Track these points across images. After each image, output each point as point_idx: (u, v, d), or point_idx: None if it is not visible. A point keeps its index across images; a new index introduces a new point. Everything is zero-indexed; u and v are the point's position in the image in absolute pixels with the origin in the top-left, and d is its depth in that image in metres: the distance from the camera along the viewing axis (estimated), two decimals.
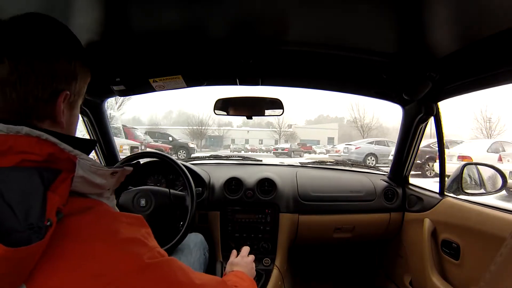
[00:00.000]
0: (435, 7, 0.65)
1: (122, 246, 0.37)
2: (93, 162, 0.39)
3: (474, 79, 0.92)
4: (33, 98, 0.40)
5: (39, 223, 0.31)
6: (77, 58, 0.44)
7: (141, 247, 0.39)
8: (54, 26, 0.44)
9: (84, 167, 0.38)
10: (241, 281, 0.66)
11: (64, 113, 0.43)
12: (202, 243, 1.13)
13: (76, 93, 0.45)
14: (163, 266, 0.39)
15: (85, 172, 0.38)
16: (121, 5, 0.69)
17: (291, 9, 0.70)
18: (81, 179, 0.38)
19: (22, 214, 0.31)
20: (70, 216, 0.36)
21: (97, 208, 0.39)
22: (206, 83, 1.20)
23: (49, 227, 0.32)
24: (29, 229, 0.31)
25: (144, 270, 0.37)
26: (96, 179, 0.39)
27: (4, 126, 0.36)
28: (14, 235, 0.30)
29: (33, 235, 0.31)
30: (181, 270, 0.42)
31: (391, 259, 1.52)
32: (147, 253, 0.38)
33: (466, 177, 1.20)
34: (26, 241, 0.30)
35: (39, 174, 0.34)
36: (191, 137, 25.64)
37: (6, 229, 0.30)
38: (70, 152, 0.38)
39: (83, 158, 0.38)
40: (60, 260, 0.34)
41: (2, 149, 0.35)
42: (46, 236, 0.32)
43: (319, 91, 1.33)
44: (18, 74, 0.39)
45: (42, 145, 0.36)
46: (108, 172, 0.41)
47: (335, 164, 1.81)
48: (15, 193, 0.32)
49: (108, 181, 0.42)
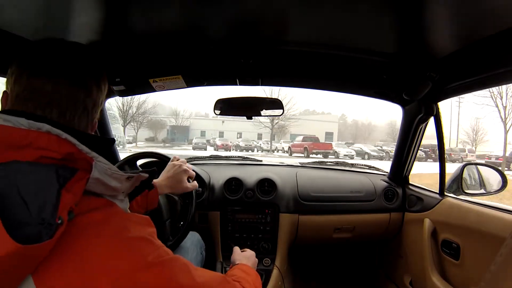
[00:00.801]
0: (435, 7, 0.65)
1: (130, 244, 0.38)
2: (110, 166, 0.40)
3: (474, 79, 0.92)
4: (70, 114, 0.43)
5: (50, 220, 0.32)
6: (103, 76, 0.49)
7: (148, 246, 0.40)
8: (89, 52, 0.48)
9: (100, 169, 0.39)
10: (246, 275, 0.66)
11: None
12: (199, 242, 1.13)
13: (100, 103, 0.49)
14: (167, 264, 0.40)
15: (100, 174, 0.39)
16: (121, 5, 0.69)
17: (291, 9, 0.70)
18: (96, 181, 0.39)
19: (35, 208, 0.32)
20: (82, 214, 0.37)
21: (107, 208, 0.40)
22: (206, 83, 1.20)
23: (59, 226, 0.33)
24: (40, 224, 0.31)
25: (149, 268, 0.38)
26: (112, 182, 0.40)
27: (26, 121, 0.37)
28: (25, 228, 0.31)
29: (43, 231, 0.31)
30: (185, 268, 0.43)
31: (391, 259, 1.52)
32: (153, 252, 0.40)
33: (466, 177, 1.20)
34: (35, 237, 0.31)
35: (55, 171, 0.35)
36: (149, 129, 22.43)
37: (18, 222, 0.30)
38: (88, 154, 0.38)
39: (100, 161, 0.39)
40: (70, 255, 0.35)
41: (22, 144, 0.36)
42: (56, 234, 0.32)
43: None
44: (60, 95, 0.43)
45: (61, 144, 0.37)
46: (123, 176, 0.42)
47: (335, 164, 1.81)
48: (31, 188, 0.33)
49: (123, 184, 0.42)
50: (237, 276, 0.64)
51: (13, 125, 0.36)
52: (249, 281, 0.63)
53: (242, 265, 0.73)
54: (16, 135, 0.36)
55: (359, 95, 1.32)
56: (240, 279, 0.61)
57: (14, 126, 0.36)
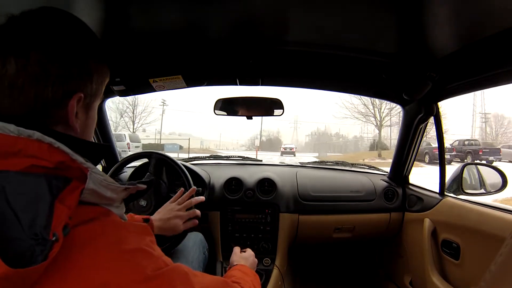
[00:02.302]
0: (435, 7, 0.65)
1: (128, 257, 0.36)
2: (105, 177, 0.38)
3: (474, 79, 0.92)
4: (42, 101, 0.37)
5: (44, 234, 0.30)
6: (93, 55, 0.41)
7: (146, 258, 0.38)
8: (67, 21, 0.40)
9: (95, 181, 0.37)
10: (245, 275, 0.66)
11: (79, 116, 0.41)
12: (202, 242, 1.13)
13: (93, 94, 0.43)
14: (167, 276, 0.39)
15: (95, 185, 0.37)
16: (121, 5, 0.69)
17: (291, 9, 0.70)
18: (91, 191, 0.37)
19: (27, 222, 0.29)
20: (77, 226, 0.34)
21: (103, 218, 0.38)
22: (206, 83, 1.20)
23: (54, 243, 0.30)
24: (33, 239, 0.29)
25: (149, 281, 0.36)
26: (107, 193, 0.38)
27: (16, 128, 0.34)
28: (17, 244, 0.28)
29: (36, 248, 0.29)
30: (184, 278, 0.41)
31: (391, 259, 1.52)
32: (151, 264, 0.38)
33: (466, 177, 1.20)
34: (28, 257, 0.28)
35: (47, 181, 0.33)
36: None
37: (8, 238, 0.28)
38: (82, 164, 0.36)
39: (95, 172, 0.37)
40: (67, 270, 0.33)
41: (11, 151, 0.33)
42: (50, 253, 0.30)
43: (318, 90, 1.33)
44: (26, 75, 0.36)
45: (53, 152, 0.35)
46: (120, 188, 0.40)
47: (335, 164, 1.81)
48: (21, 199, 0.31)
49: (119, 195, 0.41)
50: (237, 277, 0.64)
51: (1, 131, 0.34)
52: (248, 281, 0.63)
53: (241, 266, 0.73)
54: (5, 142, 0.34)
55: (359, 95, 1.32)
56: (239, 280, 0.61)
57: (3, 132, 0.34)
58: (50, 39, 0.37)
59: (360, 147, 22.18)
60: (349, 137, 29.57)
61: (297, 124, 37.72)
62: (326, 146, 29.73)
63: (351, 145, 24.15)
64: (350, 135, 30.52)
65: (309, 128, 39.80)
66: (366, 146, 22.11)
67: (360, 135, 26.02)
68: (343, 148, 25.65)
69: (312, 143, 35.28)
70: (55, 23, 0.39)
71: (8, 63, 0.36)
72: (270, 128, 38.34)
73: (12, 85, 0.36)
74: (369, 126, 22.24)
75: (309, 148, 33.26)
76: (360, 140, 23.30)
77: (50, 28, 0.38)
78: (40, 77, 0.37)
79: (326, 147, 28.54)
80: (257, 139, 31.49)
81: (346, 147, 25.26)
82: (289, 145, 21.27)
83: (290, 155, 18.13)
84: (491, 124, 20.98)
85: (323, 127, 36.80)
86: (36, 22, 0.38)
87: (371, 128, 21.97)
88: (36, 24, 0.38)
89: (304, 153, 23.75)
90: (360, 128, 24.96)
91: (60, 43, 0.38)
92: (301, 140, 39.07)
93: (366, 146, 21.96)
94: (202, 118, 46.19)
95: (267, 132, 37.28)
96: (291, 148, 19.91)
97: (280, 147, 21.68)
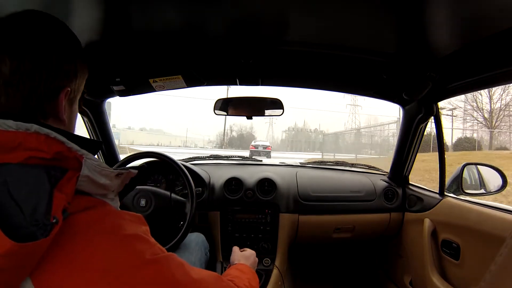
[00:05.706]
0: (435, 7, 0.65)
1: (126, 242, 0.38)
2: (99, 163, 0.40)
3: (474, 79, 0.92)
4: (36, 97, 0.40)
5: (44, 221, 0.32)
6: (77, 55, 0.45)
7: (144, 243, 0.40)
8: (54, 24, 0.44)
9: (90, 167, 0.38)
10: (241, 273, 0.66)
11: (66, 109, 0.44)
12: (204, 243, 1.13)
13: (76, 89, 0.46)
14: (164, 261, 0.40)
15: (90, 172, 0.38)
16: (121, 4, 0.69)
17: (291, 9, 0.70)
18: (86, 179, 0.38)
19: (28, 211, 0.32)
20: (75, 214, 0.36)
21: (100, 207, 0.40)
22: (206, 83, 1.20)
23: (54, 225, 0.33)
24: (34, 226, 0.31)
25: (148, 265, 0.38)
26: (101, 179, 0.40)
27: (14, 123, 0.36)
28: (20, 230, 0.31)
29: (38, 231, 0.31)
30: (180, 265, 0.43)
31: (391, 259, 1.52)
32: (149, 249, 0.39)
33: (466, 177, 1.20)
34: (31, 237, 0.31)
35: (46, 172, 0.35)
36: None
37: (13, 225, 0.31)
38: (77, 151, 0.38)
39: (89, 158, 0.39)
40: (68, 255, 0.34)
41: (12, 146, 0.35)
42: (51, 233, 0.32)
43: (317, 91, 1.33)
44: (21, 74, 0.39)
45: (50, 143, 0.37)
46: (113, 173, 0.42)
47: (335, 164, 1.81)
48: (22, 190, 0.32)
49: (112, 182, 0.42)
50: (232, 275, 0.64)
51: (1, 127, 0.36)
52: (244, 279, 0.63)
53: (239, 265, 0.73)
54: (5, 138, 0.36)
55: (359, 95, 1.32)
56: (234, 278, 0.61)
57: (2, 128, 0.36)
58: (41, 41, 0.41)
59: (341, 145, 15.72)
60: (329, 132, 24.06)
61: (273, 119, 32.95)
62: (305, 144, 27.63)
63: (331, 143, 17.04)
64: (330, 130, 27.24)
65: (286, 123, 35.52)
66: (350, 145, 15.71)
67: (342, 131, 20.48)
68: (324, 146, 18.89)
69: (288, 140, 32.37)
70: (43, 26, 0.42)
71: (2, 62, 0.38)
72: (242, 123, 33.31)
73: (7, 83, 0.39)
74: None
75: (284, 147, 30.74)
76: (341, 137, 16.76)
77: (39, 31, 0.41)
78: (34, 75, 0.40)
79: (304, 145, 26.47)
80: (227, 135, 28.89)
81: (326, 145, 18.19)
82: (262, 143, 16.28)
83: (263, 157, 13.53)
84: None
85: (302, 122, 33.89)
86: (28, 24, 0.41)
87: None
88: (27, 25, 0.41)
89: (282, 152, 19.83)
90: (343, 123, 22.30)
91: (49, 44, 0.41)
92: (277, 136, 35.81)
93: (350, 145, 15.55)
94: (166, 111, 42.44)
95: (238, 126, 32.61)
96: (265, 146, 15.27)
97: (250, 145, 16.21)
